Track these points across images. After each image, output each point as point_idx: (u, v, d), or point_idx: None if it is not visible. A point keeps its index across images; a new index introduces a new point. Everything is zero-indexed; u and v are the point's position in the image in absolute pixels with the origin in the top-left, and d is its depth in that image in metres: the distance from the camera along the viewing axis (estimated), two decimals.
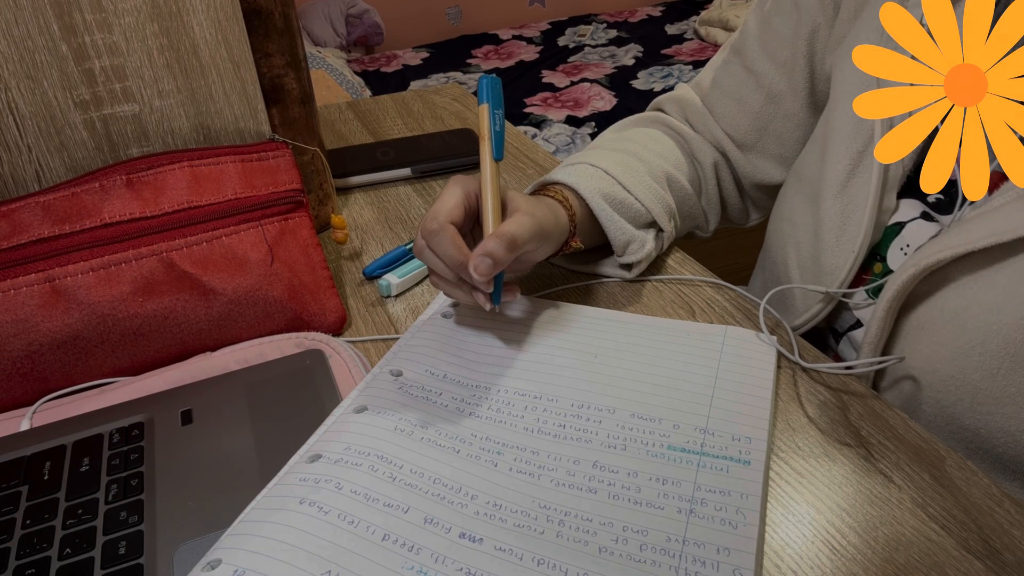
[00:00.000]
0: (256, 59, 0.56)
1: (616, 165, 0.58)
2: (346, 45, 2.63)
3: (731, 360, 0.48)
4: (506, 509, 0.38)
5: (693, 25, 2.70)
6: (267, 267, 0.52)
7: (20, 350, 0.47)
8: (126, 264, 0.49)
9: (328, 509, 0.36)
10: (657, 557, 0.35)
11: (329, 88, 1.97)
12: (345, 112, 0.99)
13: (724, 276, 0.59)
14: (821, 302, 0.54)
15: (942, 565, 0.36)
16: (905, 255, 0.51)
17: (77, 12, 0.49)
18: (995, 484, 0.40)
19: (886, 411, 0.45)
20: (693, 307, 0.56)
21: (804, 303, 0.55)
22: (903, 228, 0.51)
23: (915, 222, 0.51)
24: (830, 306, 0.54)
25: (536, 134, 1.94)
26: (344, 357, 0.50)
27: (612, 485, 0.39)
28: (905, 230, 0.51)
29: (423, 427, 0.42)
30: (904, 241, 0.51)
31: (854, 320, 0.54)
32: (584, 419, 0.44)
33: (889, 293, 0.47)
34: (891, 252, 0.52)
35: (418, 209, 0.73)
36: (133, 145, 0.54)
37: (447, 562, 0.35)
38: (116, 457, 0.43)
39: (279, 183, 0.55)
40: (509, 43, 2.73)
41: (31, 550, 0.38)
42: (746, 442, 0.41)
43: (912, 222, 0.51)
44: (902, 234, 0.51)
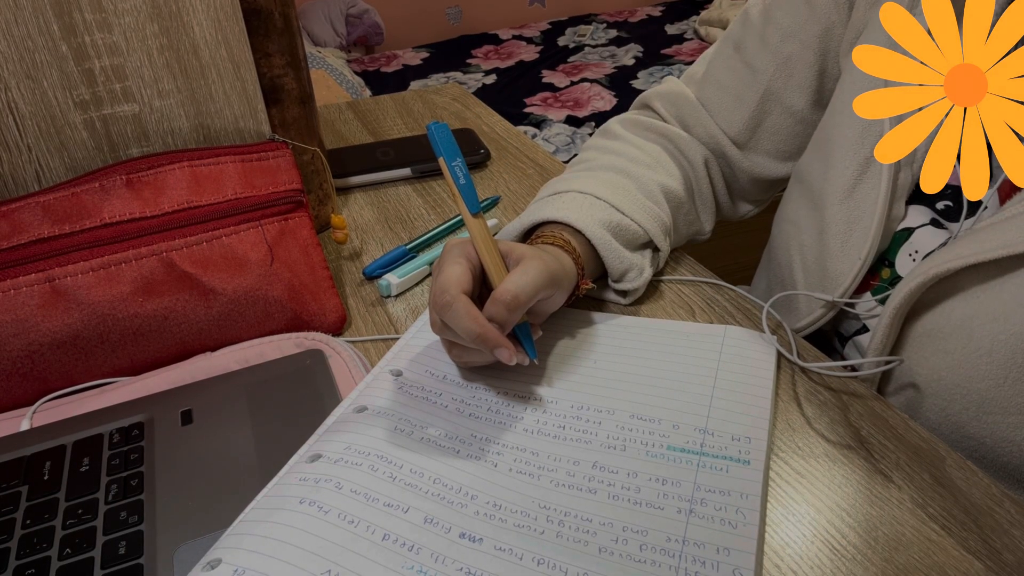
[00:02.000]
0: (256, 59, 0.56)
1: (606, 187, 0.56)
2: (346, 45, 2.62)
3: (731, 360, 0.48)
4: (506, 509, 0.38)
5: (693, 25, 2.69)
6: (267, 267, 0.52)
7: (20, 350, 0.47)
8: (126, 264, 0.49)
9: (328, 509, 0.36)
10: (657, 557, 0.35)
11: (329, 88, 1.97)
12: (345, 112, 0.99)
13: (724, 276, 0.59)
14: (824, 307, 0.54)
15: (942, 565, 0.36)
16: (914, 261, 0.51)
17: (77, 12, 0.49)
18: (995, 484, 0.40)
19: (886, 411, 0.45)
20: (693, 307, 0.56)
21: (808, 307, 0.55)
22: (912, 234, 0.51)
23: (924, 228, 0.51)
24: (833, 311, 0.54)
25: (536, 134, 1.94)
26: (344, 357, 0.50)
27: (612, 486, 0.39)
28: (914, 236, 0.51)
29: (423, 427, 0.42)
30: (913, 247, 0.51)
31: (860, 325, 0.54)
32: (584, 420, 0.44)
33: (896, 300, 0.47)
34: (900, 258, 0.52)
35: (418, 209, 0.73)
36: (133, 145, 0.54)
37: (447, 562, 0.35)
38: (116, 457, 0.43)
39: (279, 183, 0.55)
40: (509, 43, 2.73)
41: (31, 550, 0.38)
42: (746, 442, 0.41)
43: (921, 228, 0.51)
44: (911, 240, 0.51)
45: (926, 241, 0.50)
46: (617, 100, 2.09)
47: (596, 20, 2.90)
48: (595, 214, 0.53)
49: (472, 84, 2.33)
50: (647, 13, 2.95)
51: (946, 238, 0.49)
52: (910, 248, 0.51)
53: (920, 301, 0.47)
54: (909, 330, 0.48)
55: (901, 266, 0.51)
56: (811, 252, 0.55)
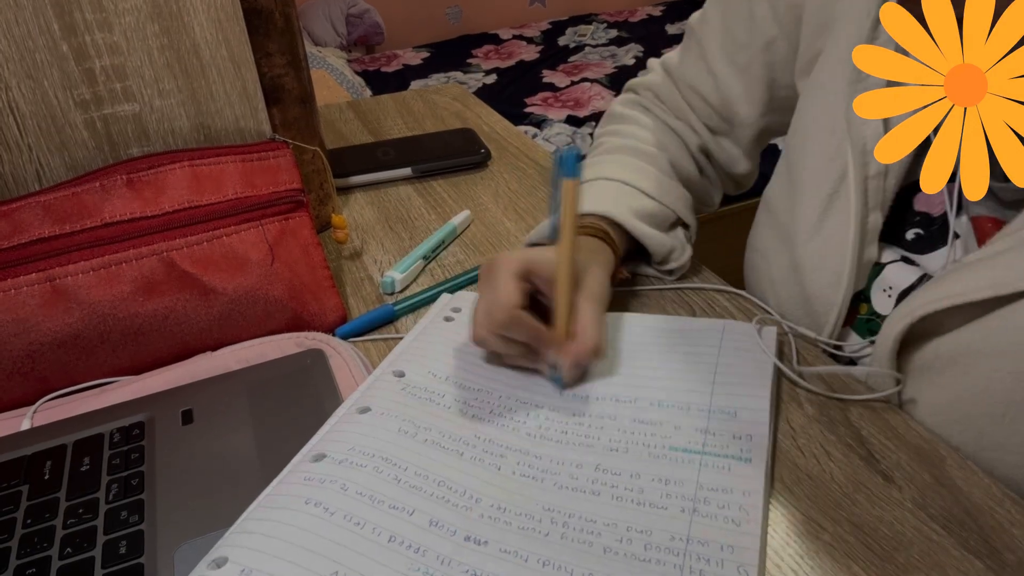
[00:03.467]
0: (256, 59, 0.56)
1: (632, 172, 0.58)
2: (346, 45, 2.62)
3: (730, 355, 0.48)
4: (510, 512, 0.38)
5: None
6: (268, 267, 0.52)
7: (21, 350, 0.47)
8: (126, 264, 0.49)
9: (334, 510, 0.36)
10: (662, 556, 0.35)
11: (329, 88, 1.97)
12: (345, 112, 0.99)
13: (723, 276, 0.59)
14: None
15: (942, 565, 0.36)
16: (889, 297, 0.49)
17: (77, 12, 0.49)
18: (995, 484, 0.40)
19: (887, 411, 0.45)
20: (693, 307, 0.56)
21: None
22: (883, 269, 0.50)
23: (895, 264, 0.50)
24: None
25: (536, 134, 1.94)
26: (345, 357, 0.50)
27: (615, 487, 0.39)
28: (885, 272, 0.50)
29: (426, 429, 0.42)
30: (886, 283, 0.50)
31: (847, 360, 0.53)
32: (586, 425, 0.44)
33: (887, 345, 0.45)
34: (875, 295, 0.50)
35: (418, 209, 0.73)
36: (133, 145, 0.54)
37: (453, 564, 0.35)
38: (117, 457, 0.43)
39: (280, 183, 0.55)
40: (509, 43, 2.73)
41: (32, 550, 0.38)
42: (747, 440, 0.42)
43: (892, 264, 0.50)
44: (882, 275, 0.50)
45: (898, 278, 0.49)
46: None
47: (596, 20, 2.90)
48: (628, 202, 0.56)
49: (472, 84, 2.33)
50: (648, 13, 2.94)
51: (919, 274, 0.48)
52: (883, 284, 0.50)
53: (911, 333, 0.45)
54: (906, 366, 0.46)
55: (878, 303, 0.50)
56: (784, 289, 0.54)
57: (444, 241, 0.66)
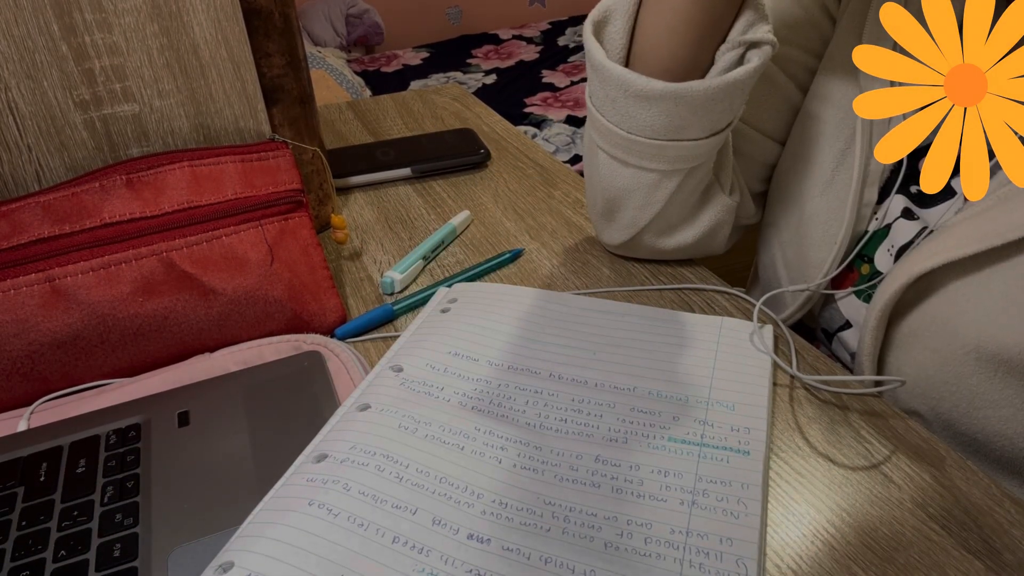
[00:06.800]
0: (256, 59, 0.56)
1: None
2: (346, 45, 2.63)
3: (728, 349, 0.48)
4: (512, 507, 0.38)
5: None
6: (267, 267, 0.52)
7: (20, 350, 0.47)
8: (126, 264, 0.49)
9: (338, 512, 0.36)
10: (662, 550, 0.35)
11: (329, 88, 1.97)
12: (345, 112, 0.99)
13: (724, 276, 0.59)
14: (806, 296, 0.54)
15: (942, 565, 0.36)
16: (890, 254, 0.51)
17: (77, 12, 0.49)
18: (995, 484, 0.40)
19: (886, 411, 0.45)
20: (693, 307, 0.56)
21: (792, 296, 0.56)
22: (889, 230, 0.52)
23: (898, 221, 0.51)
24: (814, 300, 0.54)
25: (536, 134, 1.94)
26: (343, 359, 0.50)
27: (615, 479, 0.39)
28: (892, 231, 0.52)
29: (427, 424, 0.42)
30: (890, 242, 0.51)
31: (844, 320, 0.54)
32: (585, 413, 0.44)
33: (881, 302, 0.47)
34: (879, 253, 0.52)
35: (418, 209, 0.73)
36: (133, 145, 0.54)
37: (456, 563, 0.35)
38: (112, 459, 0.43)
39: (279, 183, 0.55)
40: (509, 43, 2.73)
41: (26, 552, 0.37)
42: (745, 432, 0.42)
43: (896, 222, 0.51)
44: (889, 235, 0.52)
45: (900, 234, 0.51)
46: None
47: None
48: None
49: (472, 84, 2.33)
50: None
51: (919, 228, 0.50)
52: (888, 243, 0.51)
53: (902, 301, 0.47)
54: (895, 331, 0.48)
55: (880, 262, 0.52)
56: (791, 246, 0.56)
57: (444, 241, 0.66)
